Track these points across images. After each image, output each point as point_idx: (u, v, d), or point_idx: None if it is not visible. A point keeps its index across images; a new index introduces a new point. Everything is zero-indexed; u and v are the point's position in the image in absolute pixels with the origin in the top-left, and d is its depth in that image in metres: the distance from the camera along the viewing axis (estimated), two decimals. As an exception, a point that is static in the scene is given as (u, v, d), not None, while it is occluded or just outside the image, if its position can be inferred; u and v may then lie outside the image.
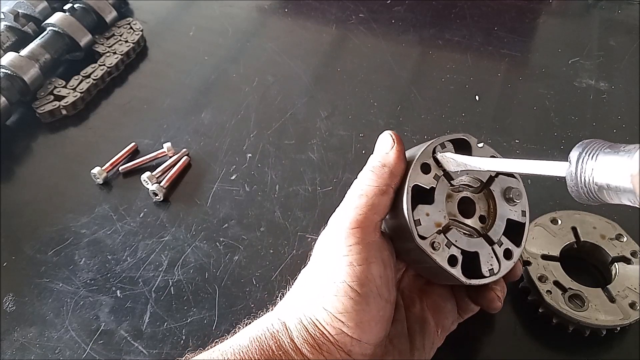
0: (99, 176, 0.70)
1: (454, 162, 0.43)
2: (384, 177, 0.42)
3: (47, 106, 0.79)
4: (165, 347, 0.55)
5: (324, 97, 0.81)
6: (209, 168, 0.72)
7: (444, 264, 0.42)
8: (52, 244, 0.64)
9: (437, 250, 0.42)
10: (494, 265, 0.44)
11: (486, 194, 0.47)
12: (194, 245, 0.63)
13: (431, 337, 0.48)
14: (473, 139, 0.46)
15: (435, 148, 0.44)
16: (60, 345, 0.55)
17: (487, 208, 0.47)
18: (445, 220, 0.43)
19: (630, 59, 0.84)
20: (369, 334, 0.40)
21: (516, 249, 0.46)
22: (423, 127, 0.75)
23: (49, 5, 0.89)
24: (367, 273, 0.40)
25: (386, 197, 0.42)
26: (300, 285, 0.44)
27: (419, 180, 0.43)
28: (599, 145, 0.32)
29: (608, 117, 0.76)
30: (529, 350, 0.53)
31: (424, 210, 0.43)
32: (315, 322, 0.40)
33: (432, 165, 0.44)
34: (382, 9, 0.96)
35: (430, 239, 0.42)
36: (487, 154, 0.46)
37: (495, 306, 0.45)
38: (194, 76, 0.85)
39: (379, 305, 0.40)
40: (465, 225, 0.45)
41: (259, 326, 0.42)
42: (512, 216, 0.46)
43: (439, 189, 0.44)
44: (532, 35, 0.92)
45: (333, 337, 0.39)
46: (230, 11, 0.98)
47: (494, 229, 0.45)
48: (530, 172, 0.39)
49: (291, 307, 0.42)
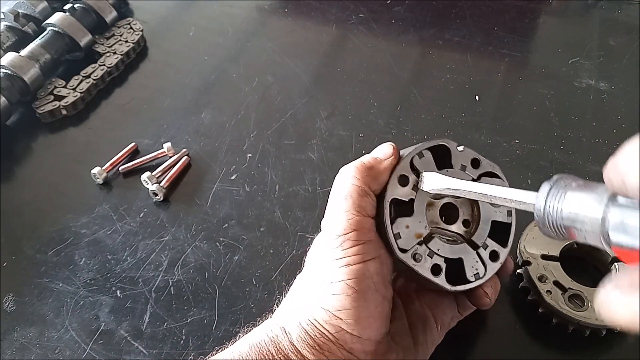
0: (99, 176, 0.70)
1: (428, 184, 0.43)
2: (367, 179, 0.43)
3: (47, 106, 0.79)
4: (165, 347, 0.55)
5: (324, 97, 0.81)
6: (209, 168, 0.72)
7: (427, 274, 0.43)
8: (52, 244, 0.64)
9: (419, 262, 0.43)
10: (479, 269, 0.45)
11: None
12: (194, 245, 0.63)
13: (433, 333, 0.48)
14: (452, 144, 0.46)
15: (412, 159, 0.44)
16: (60, 345, 0.55)
17: (470, 212, 0.46)
18: (426, 230, 0.44)
19: (630, 59, 0.84)
20: (368, 330, 0.40)
21: (502, 249, 0.46)
22: (423, 127, 0.75)
23: (49, 5, 0.90)
24: (364, 270, 0.40)
25: (369, 198, 0.42)
26: (297, 289, 0.44)
27: (397, 194, 0.43)
28: (568, 181, 0.32)
29: (608, 117, 0.75)
30: (529, 350, 0.53)
31: (403, 222, 0.43)
32: (314, 322, 0.40)
33: (410, 177, 0.44)
34: (382, 9, 0.96)
35: (412, 251, 0.42)
36: (468, 157, 0.46)
37: (483, 302, 0.46)
38: (194, 76, 0.85)
39: (377, 301, 0.40)
40: (448, 231, 0.45)
41: (258, 333, 0.42)
42: (497, 217, 0.46)
43: (419, 200, 0.44)
44: (532, 35, 0.92)
45: (333, 336, 0.39)
46: (230, 11, 0.98)
47: (478, 233, 0.45)
48: (500, 199, 0.38)
49: (289, 311, 0.43)
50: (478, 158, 0.46)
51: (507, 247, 0.46)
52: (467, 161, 0.46)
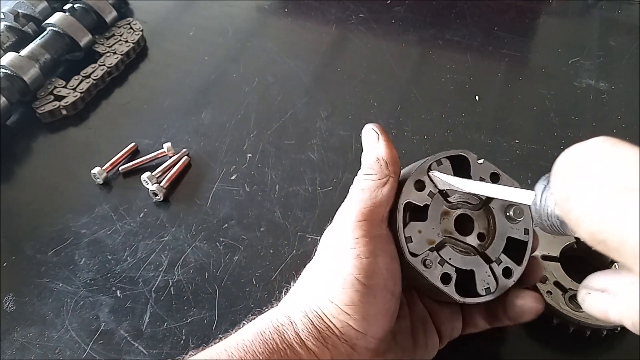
0: (99, 176, 0.70)
1: (440, 180, 0.43)
2: (381, 169, 0.43)
3: (47, 106, 0.79)
4: (165, 347, 0.55)
5: (324, 97, 0.81)
6: (209, 168, 0.72)
7: (436, 281, 0.42)
8: (52, 244, 0.64)
9: (429, 268, 0.42)
10: (490, 284, 0.43)
11: (486, 211, 0.46)
12: (194, 245, 0.63)
13: (434, 337, 0.47)
14: (472, 155, 0.45)
15: (430, 165, 0.44)
16: (60, 345, 0.55)
17: (486, 225, 0.46)
18: (439, 237, 0.43)
19: (630, 59, 0.84)
20: (374, 328, 0.40)
21: (517, 267, 0.44)
22: (423, 127, 0.75)
23: (49, 5, 0.89)
24: (374, 265, 0.40)
25: (388, 187, 0.42)
26: (306, 279, 0.44)
27: (412, 198, 0.43)
28: None
29: (608, 117, 0.76)
30: (529, 351, 0.53)
31: (416, 227, 0.43)
32: (321, 314, 0.40)
33: (427, 183, 0.43)
34: (382, 9, 0.96)
35: (422, 256, 0.42)
36: (488, 171, 0.45)
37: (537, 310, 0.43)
38: (194, 76, 0.85)
39: (386, 298, 0.40)
40: (461, 242, 0.45)
41: (263, 321, 0.42)
42: (513, 234, 0.45)
43: (434, 206, 0.43)
44: (532, 35, 0.92)
45: (339, 330, 0.39)
46: (230, 11, 0.98)
47: (493, 247, 0.44)
48: (498, 197, 0.39)
49: (296, 301, 0.42)
50: (497, 172, 0.45)
51: (522, 265, 0.44)
52: (487, 174, 0.45)
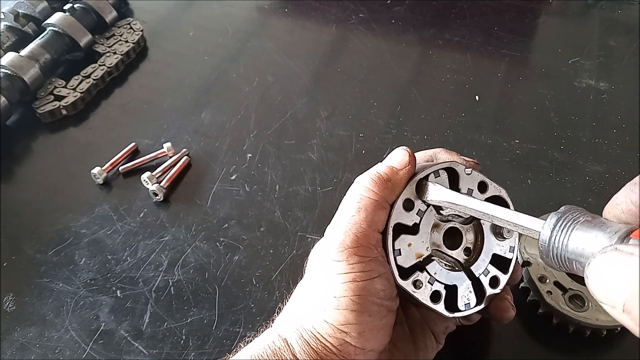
0: (99, 176, 0.70)
1: (432, 195, 0.42)
2: (385, 192, 0.41)
3: (47, 106, 0.79)
4: (165, 347, 0.55)
5: (324, 97, 0.81)
6: (209, 168, 0.72)
7: (426, 302, 0.42)
8: (52, 244, 0.64)
9: (420, 289, 0.42)
10: (470, 299, 0.44)
11: (475, 226, 0.46)
12: (194, 245, 0.63)
13: (431, 337, 0.47)
14: (460, 167, 0.44)
15: (426, 177, 0.43)
16: (60, 345, 0.55)
17: (474, 240, 0.46)
18: (427, 251, 0.43)
19: (630, 59, 0.84)
20: (372, 342, 0.39)
21: (503, 276, 0.46)
22: (423, 127, 0.75)
23: (49, 5, 0.89)
24: (369, 287, 0.39)
25: (384, 212, 0.41)
26: (299, 299, 0.43)
27: (402, 219, 0.42)
28: (576, 215, 0.32)
29: (608, 117, 0.76)
30: (529, 350, 0.53)
31: (406, 240, 0.43)
32: (316, 335, 0.40)
33: (416, 202, 0.43)
34: (382, 9, 0.96)
35: (413, 277, 0.42)
36: (476, 180, 0.45)
37: (509, 315, 0.45)
38: (194, 76, 0.85)
39: (382, 314, 0.40)
40: (448, 256, 0.45)
41: (259, 344, 0.41)
42: (498, 251, 0.46)
43: (425, 220, 0.43)
44: (532, 35, 0.92)
45: (336, 348, 0.39)
46: (230, 11, 0.98)
47: (478, 263, 0.45)
48: (506, 222, 0.38)
49: (290, 322, 0.42)
50: (485, 181, 0.45)
51: (507, 274, 0.46)
52: (475, 184, 0.45)
